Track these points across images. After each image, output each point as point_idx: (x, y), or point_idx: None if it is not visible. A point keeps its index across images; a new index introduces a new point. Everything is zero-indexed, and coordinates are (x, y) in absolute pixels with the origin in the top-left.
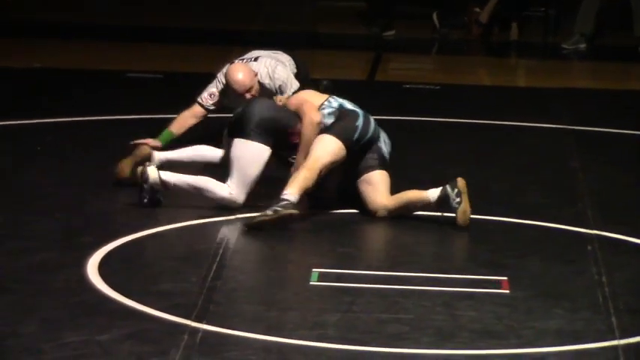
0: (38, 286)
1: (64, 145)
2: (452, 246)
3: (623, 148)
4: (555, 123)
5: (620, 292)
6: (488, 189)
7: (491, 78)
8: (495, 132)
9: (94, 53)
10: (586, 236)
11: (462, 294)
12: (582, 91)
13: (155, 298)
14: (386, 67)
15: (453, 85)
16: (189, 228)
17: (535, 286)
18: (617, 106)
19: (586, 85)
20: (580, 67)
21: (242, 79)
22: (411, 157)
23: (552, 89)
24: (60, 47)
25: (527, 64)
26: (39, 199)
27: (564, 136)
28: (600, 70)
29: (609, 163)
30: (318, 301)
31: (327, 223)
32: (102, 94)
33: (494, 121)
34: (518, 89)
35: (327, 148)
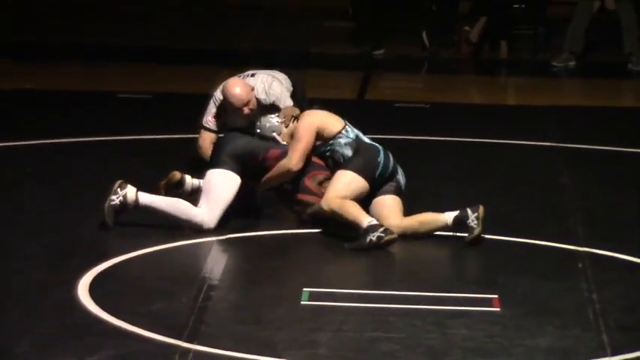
0: (29, 306)
1: (55, 166)
2: (442, 264)
3: (613, 165)
4: (545, 140)
5: (611, 309)
6: None
7: (481, 96)
8: (485, 150)
9: (85, 74)
10: (576, 253)
11: (453, 312)
12: (572, 108)
13: (146, 319)
14: (376, 86)
15: (443, 103)
16: (180, 248)
17: (525, 303)
18: (607, 124)
19: (576, 103)
20: (570, 85)
21: (239, 94)
22: None
23: (542, 107)
24: (51, 68)
25: (517, 81)
26: (31, 221)
27: (554, 154)
28: (590, 87)
29: (599, 180)
30: (309, 321)
31: (318, 242)
32: (93, 115)
33: (484, 139)
34: (508, 107)
35: (352, 186)
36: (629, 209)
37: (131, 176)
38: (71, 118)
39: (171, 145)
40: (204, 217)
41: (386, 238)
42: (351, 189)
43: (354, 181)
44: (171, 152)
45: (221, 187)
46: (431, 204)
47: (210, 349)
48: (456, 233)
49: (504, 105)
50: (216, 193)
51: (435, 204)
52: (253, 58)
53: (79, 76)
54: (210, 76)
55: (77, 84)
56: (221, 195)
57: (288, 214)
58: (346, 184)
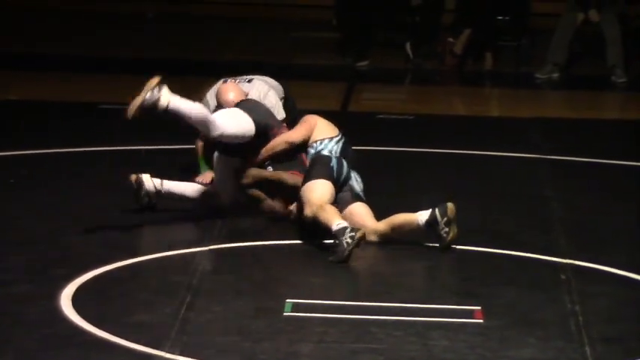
0: (12, 317)
1: (38, 177)
2: (425, 276)
3: (596, 177)
4: (529, 152)
5: (594, 320)
6: (461, 218)
7: (465, 107)
8: (469, 161)
9: (68, 85)
10: (559, 265)
11: (435, 324)
12: (556, 120)
13: (129, 330)
14: (359, 97)
15: (427, 114)
16: (163, 259)
17: (508, 315)
18: (590, 136)
19: (559, 115)
20: (553, 97)
21: (232, 100)
22: (385, 187)
23: (526, 119)
24: (34, 79)
25: (501, 93)
26: (13, 232)
27: (538, 166)
28: (574, 99)
29: (583, 192)
30: (291, 332)
31: (301, 253)
32: (76, 126)
33: (468, 151)
34: (492, 119)
35: (328, 190)
36: (613, 221)
37: (109, 185)
38: (54, 129)
39: (153, 156)
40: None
41: (357, 236)
42: (329, 192)
43: (327, 185)
44: (152, 162)
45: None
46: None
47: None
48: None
49: (488, 116)
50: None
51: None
52: (238, 69)
53: (62, 87)
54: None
55: (60, 95)
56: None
57: (271, 226)
58: (324, 187)
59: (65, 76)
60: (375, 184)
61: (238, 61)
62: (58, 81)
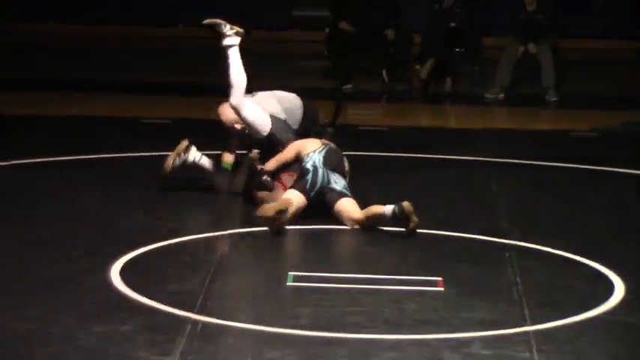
0: (73, 286)
1: (93, 179)
2: (399, 254)
3: (534, 175)
4: (479, 156)
5: (531, 289)
6: (425, 208)
7: (429, 121)
8: (432, 164)
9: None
10: (503, 245)
11: (407, 291)
12: (501, 130)
13: (165, 296)
14: (345, 113)
15: (399, 126)
16: (193, 241)
17: (464, 285)
18: (529, 142)
19: (504, 126)
20: (499, 112)
21: (223, 117)
22: (366, 185)
23: (477, 129)
24: (87, 99)
25: (458, 109)
26: (73, 220)
27: (486, 167)
28: (516, 113)
29: (523, 187)
30: (293, 298)
31: (302, 236)
32: (122, 136)
33: (430, 155)
34: (451, 130)
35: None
36: (547, 210)
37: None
38: (101, 139)
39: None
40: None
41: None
42: (298, 200)
43: (295, 196)
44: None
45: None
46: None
47: (215, 320)
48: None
49: (447, 128)
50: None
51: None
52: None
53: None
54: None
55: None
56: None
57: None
58: (295, 196)
59: (110, 96)
60: (356, 183)
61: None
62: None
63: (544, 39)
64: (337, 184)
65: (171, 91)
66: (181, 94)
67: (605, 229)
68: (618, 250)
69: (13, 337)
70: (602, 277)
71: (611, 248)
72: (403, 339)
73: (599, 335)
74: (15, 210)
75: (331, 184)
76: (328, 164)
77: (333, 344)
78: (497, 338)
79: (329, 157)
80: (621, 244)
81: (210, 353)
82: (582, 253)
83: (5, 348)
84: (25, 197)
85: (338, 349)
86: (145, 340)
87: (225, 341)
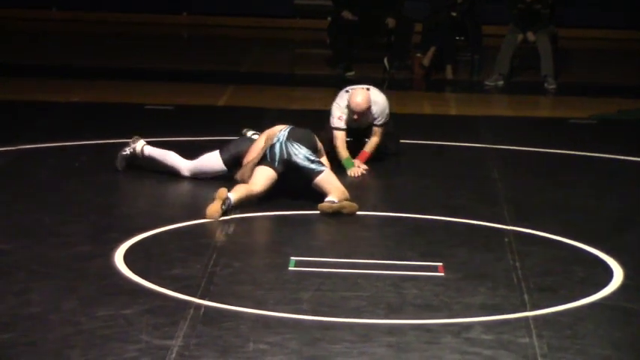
0: (75, 272)
1: (94, 163)
2: (400, 239)
3: (533, 162)
4: (479, 143)
5: (530, 274)
6: (425, 193)
7: (430, 108)
8: (432, 149)
9: (117, 90)
10: (503, 231)
11: (407, 277)
12: (500, 117)
13: (168, 281)
14: None
15: (401, 114)
16: (195, 226)
17: (464, 270)
18: (528, 130)
19: (503, 113)
20: (499, 99)
21: (360, 103)
22: (365, 173)
23: (477, 116)
24: (91, 85)
25: (458, 97)
26: (74, 205)
27: (486, 153)
28: (515, 101)
29: (522, 173)
30: (294, 283)
31: (303, 222)
32: (127, 123)
33: (432, 142)
34: (451, 116)
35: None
36: (546, 197)
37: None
38: (107, 125)
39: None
40: (186, 166)
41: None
42: (260, 174)
43: (263, 170)
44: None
45: (212, 160)
46: (385, 193)
47: (217, 304)
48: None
49: (448, 115)
50: (207, 163)
51: (388, 193)
52: (253, 77)
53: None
54: (218, 91)
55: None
56: (207, 165)
57: (279, 200)
58: (259, 172)
59: (116, 83)
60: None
61: (253, 72)
62: (110, 87)
63: (543, 27)
64: (298, 156)
65: (173, 78)
66: (183, 81)
67: (603, 216)
68: (616, 236)
69: (17, 322)
70: (600, 263)
71: (610, 234)
72: (403, 324)
73: (598, 320)
74: (17, 196)
75: (292, 156)
76: (290, 137)
77: (333, 328)
78: (497, 323)
79: (293, 132)
80: (619, 230)
81: (213, 337)
82: (581, 238)
83: (9, 333)
84: (27, 183)
85: (339, 333)
86: (147, 324)
87: (227, 325)
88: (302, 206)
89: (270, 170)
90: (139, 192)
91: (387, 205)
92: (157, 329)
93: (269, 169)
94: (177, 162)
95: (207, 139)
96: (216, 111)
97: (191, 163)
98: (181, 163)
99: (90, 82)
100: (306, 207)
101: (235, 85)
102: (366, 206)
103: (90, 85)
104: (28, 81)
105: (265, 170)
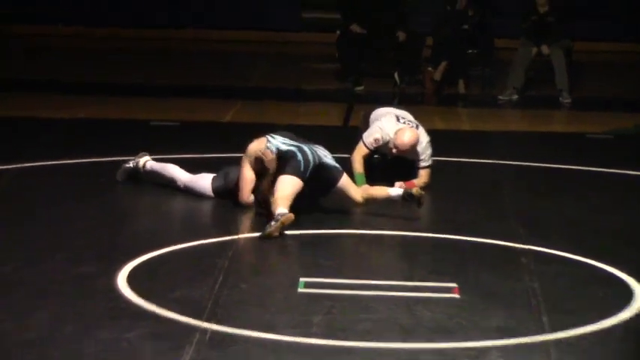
0: (79, 291)
1: (98, 180)
2: (412, 259)
3: (547, 178)
4: (492, 158)
5: (548, 295)
6: (439, 212)
7: (442, 123)
8: (444, 166)
9: (122, 106)
10: (520, 250)
11: (421, 298)
12: (514, 133)
13: (172, 303)
14: (357, 115)
15: None
16: (200, 246)
17: (480, 291)
18: (542, 145)
19: (518, 129)
20: (513, 114)
21: (405, 143)
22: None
23: (490, 132)
24: (97, 101)
25: (471, 112)
26: (79, 222)
27: (499, 169)
28: (529, 116)
29: (536, 190)
30: (304, 305)
31: (312, 241)
32: (130, 140)
33: (444, 158)
34: (464, 132)
35: (290, 184)
36: (563, 214)
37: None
38: (112, 143)
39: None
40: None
41: (281, 219)
42: (292, 184)
43: (290, 180)
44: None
45: (203, 181)
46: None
47: (224, 328)
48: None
49: (461, 130)
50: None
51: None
52: (260, 92)
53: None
54: (224, 107)
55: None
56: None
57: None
58: (287, 183)
59: (120, 99)
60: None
61: (260, 87)
62: (115, 103)
63: (557, 40)
64: (327, 156)
65: (179, 94)
66: (189, 97)
67: (621, 233)
68: (635, 254)
69: (17, 344)
70: (620, 282)
71: (628, 252)
72: (418, 347)
73: (621, 344)
74: (19, 214)
75: (323, 160)
76: (300, 139)
77: (345, 353)
78: (515, 347)
79: (288, 134)
80: (638, 247)
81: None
82: (598, 257)
83: (9, 355)
84: (30, 201)
85: (351, 357)
86: (151, 348)
87: (234, 350)
88: (309, 225)
89: (297, 180)
90: (143, 210)
91: (399, 223)
92: (161, 354)
93: (295, 179)
94: (175, 173)
95: (213, 155)
96: (223, 127)
97: (188, 177)
98: (180, 175)
99: (94, 98)
100: (314, 225)
101: (242, 101)
102: (377, 225)
103: (94, 101)
104: (32, 96)
105: (292, 180)
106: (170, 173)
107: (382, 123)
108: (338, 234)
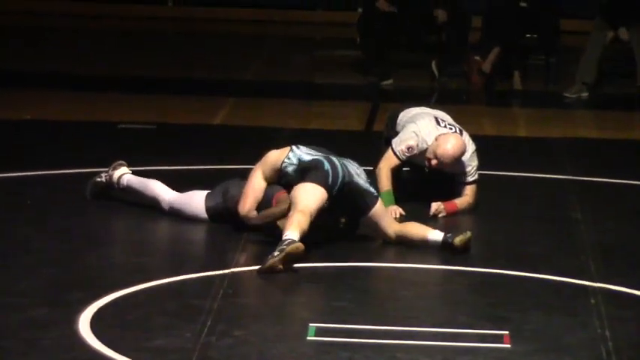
0: (28, 343)
1: (52, 198)
2: (451, 299)
3: (626, 198)
4: (557, 173)
5: (624, 346)
6: (489, 240)
7: (492, 127)
8: (495, 182)
9: (83, 104)
10: (589, 289)
11: (462, 349)
12: (585, 140)
13: (149, 355)
14: (384, 117)
15: None
16: (183, 282)
17: (536, 340)
18: (620, 156)
19: (589, 135)
20: (582, 116)
21: (449, 151)
22: (411, 208)
23: (555, 139)
24: (47, 98)
25: (529, 113)
26: (26, 255)
27: (567, 187)
28: (603, 119)
29: (612, 214)
30: (315, 357)
31: (322, 276)
32: (90, 145)
33: (494, 172)
34: (520, 139)
35: (312, 193)
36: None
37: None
38: (67, 149)
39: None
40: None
41: (286, 250)
42: (315, 195)
43: (313, 189)
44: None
45: (195, 200)
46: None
47: None
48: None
49: (516, 137)
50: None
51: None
52: (260, 87)
53: (74, 106)
54: (211, 106)
55: (73, 114)
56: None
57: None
58: (309, 193)
59: (79, 95)
60: (402, 203)
61: (259, 80)
62: (72, 100)
63: (638, 23)
64: (360, 175)
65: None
66: (168, 93)
67: None
68: None
69: None
70: None
71: None
72: None
73: None
74: None
75: (355, 179)
76: (331, 153)
77: None
78: None
79: (316, 147)
80: None
81: None
82: None
83: None
84: None
85: None
86: None
87: None
88: (322, 256)
89: (322, 190)
90: (114, 237)
91: (435, 254)
92: None
93: (320, 188)
94: (159, 192)
95: (199, 167)
96: (211, 131)
97: (174, 197)
98: (165, 195)
99: (42, 94)
100: (327, 257)
101: (236, 98)
102: (408, 256)
103: (43, 97)
104: None
105: (314, 189)
106: (152, 192)
107: (418, 126)
108: (358, 267)
